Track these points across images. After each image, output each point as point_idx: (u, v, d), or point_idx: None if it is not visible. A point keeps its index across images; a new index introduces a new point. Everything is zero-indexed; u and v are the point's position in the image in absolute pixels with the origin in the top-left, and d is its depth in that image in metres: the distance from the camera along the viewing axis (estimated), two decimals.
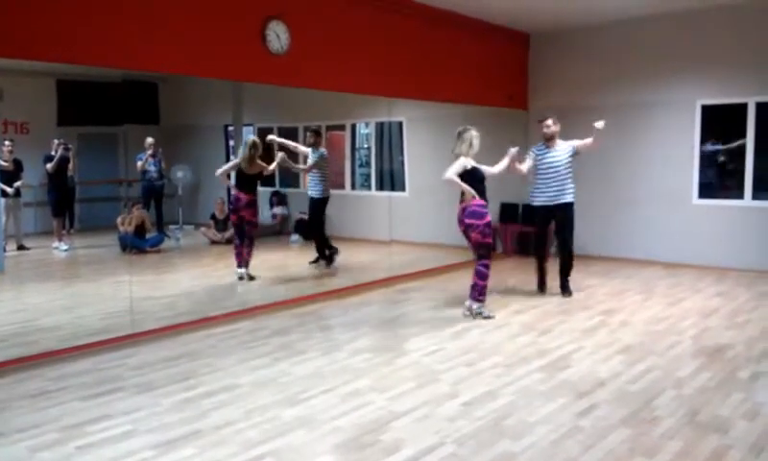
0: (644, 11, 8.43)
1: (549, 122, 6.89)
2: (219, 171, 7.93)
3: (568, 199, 6.89)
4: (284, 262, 8.67)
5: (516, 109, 9.56)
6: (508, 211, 9.93)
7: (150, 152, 10.73)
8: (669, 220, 8.82)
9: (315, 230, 8.77)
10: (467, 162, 5.98)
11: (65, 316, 6.44)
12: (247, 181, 7.73)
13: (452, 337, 5.51)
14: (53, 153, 9.65)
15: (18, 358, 4.94)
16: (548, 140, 6.92)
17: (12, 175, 9.44)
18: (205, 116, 12.70)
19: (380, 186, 11.57)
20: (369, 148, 11.76)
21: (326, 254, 8.66)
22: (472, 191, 5.91)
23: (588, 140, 6.81)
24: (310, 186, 8.72)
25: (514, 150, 6.52)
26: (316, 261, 8.72)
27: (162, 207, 11.10)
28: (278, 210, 11.94)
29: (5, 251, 8.74)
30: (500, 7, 8.25)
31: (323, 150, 8.65)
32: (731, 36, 8.21)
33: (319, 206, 8.63)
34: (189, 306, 6.65)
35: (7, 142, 9.50)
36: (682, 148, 8.66)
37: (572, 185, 6.91)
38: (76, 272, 9.25)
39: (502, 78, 9.50)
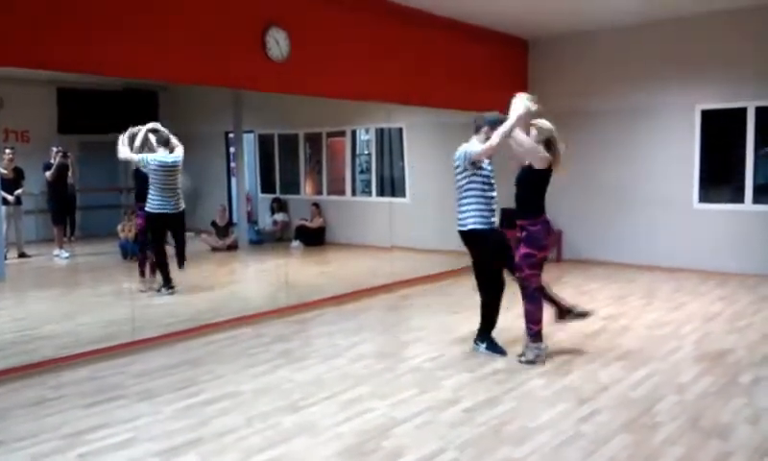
0: (643, 16, 8.45)
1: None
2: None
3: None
4: (285, 268, 8.65)
5: None
6: (509, 217, 9.90)
7: None
8: (670, 224, 8.81)
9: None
10: None
11: (66, 324, 6.44)
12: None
13: (453, 343, 5.50)
14: (51, 161, 9.67)
15: (19, 366, 4.94)
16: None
17: (12, 183, 9.44)
18: (206, 124, 12.70)
19: (381, 192, 11.57)
20: (369, 154, 11.77)
21: (167, 276, 7.57)
22: None
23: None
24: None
25: None
26: (167, 287, 7.60)
27: None
28: (279, 217, 11.96)
29: (6, 258, 8.74)
30: (499, 13, 8.28)
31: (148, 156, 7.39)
32: (730, 40, 8.22)
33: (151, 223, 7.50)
34: (190, 313, 6.65)
35: (7, 150, 9.50)
36: (682, 153, 8.67)
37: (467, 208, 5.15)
38: (77, 279, 9.25)
39: (501, 84, 9.49)
